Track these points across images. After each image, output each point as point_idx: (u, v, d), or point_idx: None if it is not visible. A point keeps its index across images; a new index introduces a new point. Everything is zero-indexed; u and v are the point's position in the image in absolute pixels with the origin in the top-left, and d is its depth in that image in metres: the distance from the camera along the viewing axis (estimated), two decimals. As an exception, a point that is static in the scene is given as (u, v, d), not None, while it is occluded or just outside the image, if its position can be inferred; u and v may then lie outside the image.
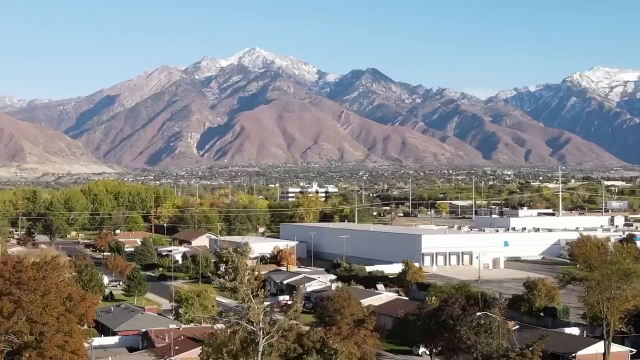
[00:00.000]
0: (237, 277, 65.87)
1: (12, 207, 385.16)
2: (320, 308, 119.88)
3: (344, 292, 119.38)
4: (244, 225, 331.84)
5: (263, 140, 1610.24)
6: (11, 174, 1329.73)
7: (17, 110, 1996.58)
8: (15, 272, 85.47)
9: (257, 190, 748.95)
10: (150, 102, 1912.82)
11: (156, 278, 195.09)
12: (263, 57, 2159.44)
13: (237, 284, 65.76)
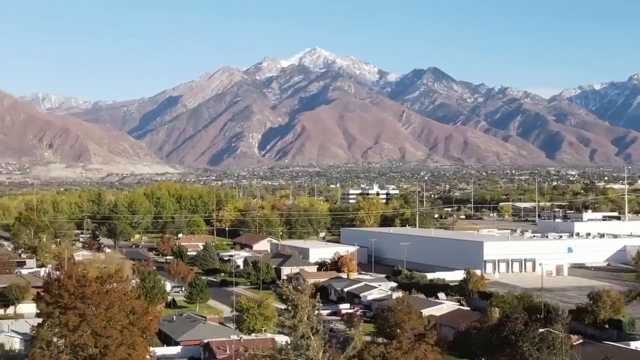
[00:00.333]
0: (296, 315, 66.11)
1: (78, 209, 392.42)
2: (381, 319, 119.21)
3: (404, 303, 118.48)
4: (305, 228, 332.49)
5: (324, 140, 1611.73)
6: (77, 174, 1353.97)
7: (82, 112, 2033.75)
8: (80, 286, 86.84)
9: (317, 191, 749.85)
10: (212, 102, 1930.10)
11: (218, 284, 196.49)
12: (324, 57, 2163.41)
13: (296, 322, 65.96)
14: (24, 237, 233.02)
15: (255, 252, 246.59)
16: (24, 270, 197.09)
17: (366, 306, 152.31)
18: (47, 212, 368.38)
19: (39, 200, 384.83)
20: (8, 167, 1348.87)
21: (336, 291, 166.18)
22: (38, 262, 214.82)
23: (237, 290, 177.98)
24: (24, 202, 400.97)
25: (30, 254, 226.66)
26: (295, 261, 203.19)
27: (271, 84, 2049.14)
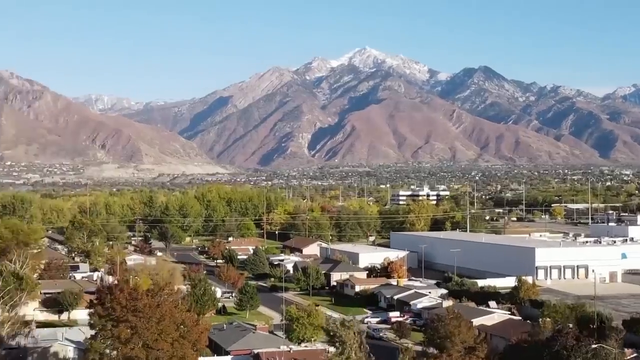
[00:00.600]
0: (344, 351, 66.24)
1: (130, 211, 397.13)
2: (431, 329, 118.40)
3: (455, 314, 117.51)
4: (354, 231, 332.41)
5: (374, 140, 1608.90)
6: (129, 174, 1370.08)
7: (134, 113, 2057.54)
8: (131, 299, 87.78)
9: (367, 191, 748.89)
10: (262, 103, 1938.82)
11: (267, 289, 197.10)
12: (374, 56, 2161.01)
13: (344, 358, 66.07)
14: (77, 241, 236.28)
15: (305, 256, 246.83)
16: (77, 275, 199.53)
17: (416, 314, 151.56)
18: (99, 214, 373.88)
19: (92, 203, 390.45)
20: (62, 167, 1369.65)
21: (386, 298, 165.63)
22: (91, 266, 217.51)
23: (286, 296, 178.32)
24: (77, 204, 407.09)
25: (84, 257, 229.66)
26: (345, 267, 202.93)
27: (321, 84, 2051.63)
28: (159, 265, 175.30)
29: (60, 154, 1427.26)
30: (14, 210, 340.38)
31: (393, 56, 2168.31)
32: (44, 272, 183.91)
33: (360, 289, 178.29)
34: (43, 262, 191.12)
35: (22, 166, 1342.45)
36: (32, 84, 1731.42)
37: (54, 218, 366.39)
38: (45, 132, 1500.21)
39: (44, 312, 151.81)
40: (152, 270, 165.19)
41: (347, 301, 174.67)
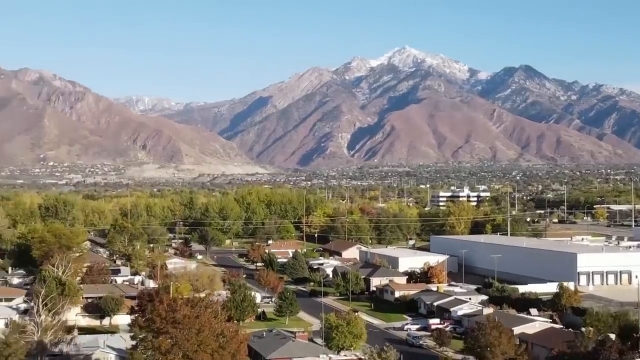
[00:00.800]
0: None
1: (170, 213, 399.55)
2: (471, 338, 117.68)
3: (495, 323, 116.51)
4: (394, 234, 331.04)
5: (413, 139, 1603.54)
6: (169, 174, 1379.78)
7: (174, 113, 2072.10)
8: (171, 311, 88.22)
9: (407, 192, 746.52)
10: (301, 103, 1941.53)
11: (307, 293, 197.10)
12: (413, 56, 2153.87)
13: None
14: (119, 244, 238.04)
15: (344, 260, 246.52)
16: (119, 278, 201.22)
17: (456, 321, 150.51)
18: (140, 215, 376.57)
19: (133, 204, 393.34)
20: (103, 167, 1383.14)
21: (426, 305, 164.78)
22: (132, 269, 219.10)
23: (326, 301, 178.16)
24: (119, 206, 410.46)
25: (125, 261, 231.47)
26: (385, 272, 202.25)
27: (360, 83, 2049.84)
28: (199, 271, 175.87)
29: (102, 154, 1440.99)
30: (57, 213, 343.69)
31: (433, 55, 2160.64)
32: (86, 276, 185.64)
33: (400, 294, 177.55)
34: (85, 266, 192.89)
35: (65, 167, 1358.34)
36: (75, 86, 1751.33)
37: (96, 220, 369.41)
38: (87, 133, 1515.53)
39: (86, 318, 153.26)
40: (193, 276, 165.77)
41: (386, 307, 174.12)
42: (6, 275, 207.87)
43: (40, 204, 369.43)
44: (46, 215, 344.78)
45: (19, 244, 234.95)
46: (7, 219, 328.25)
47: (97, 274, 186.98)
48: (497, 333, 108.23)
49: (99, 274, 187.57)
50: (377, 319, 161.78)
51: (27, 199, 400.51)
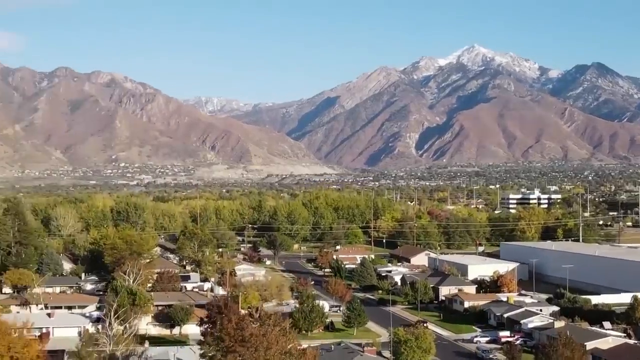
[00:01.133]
0: None
1: (239, 216, 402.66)
2: (542, 354, 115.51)
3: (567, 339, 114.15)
4: (463, 239, 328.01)
5: (483, 139, 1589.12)
6: (238, 175, 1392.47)
7: (243, 114, 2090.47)
8: (239, 329, 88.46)
9: (476, 193, 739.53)
10: (369, 103, 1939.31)
11: (375, 302, 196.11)
12: (482, 54, 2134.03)
13: None
14: (188, 250, 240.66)
15: (412, 267, 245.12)
16: (188, 285, 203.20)
17: (527, 334, 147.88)
18: (209, 219, 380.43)
19: (202, 208, 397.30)
20: (173, 168, 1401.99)
21: (496, 316, 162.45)
22: (201, 275, 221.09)
23: (394, 310, 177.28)
24: (188, 209, 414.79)
25: (194, 267, 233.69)
26: (454, 280, 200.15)
27: (429, 83, 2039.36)
28: (267, 280, 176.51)
29: (172, 155, 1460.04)
30: (128, 216, 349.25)
31: (502, 54, 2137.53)
32: (156, 283, 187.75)
33: (469, 305, 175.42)
34: (155, 272, 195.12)
35: (136, 167, 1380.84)
36: (145, 87, 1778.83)
37: (166, 223, 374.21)
38: (158, 134, 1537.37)
39: (156, 327, 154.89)
40: (261, 286, 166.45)
41: (455, 317, 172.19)
42: (79, 281, 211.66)
43: (112, 207, 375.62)
44: (118, 218, 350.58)
45: (92, 249, 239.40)
46: (80, 222, 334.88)
47: (167, 281, 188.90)
48: (569, 350, 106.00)
49: (169, 281, 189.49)
50: (446, 330, 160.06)
51: (99, 202, 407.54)
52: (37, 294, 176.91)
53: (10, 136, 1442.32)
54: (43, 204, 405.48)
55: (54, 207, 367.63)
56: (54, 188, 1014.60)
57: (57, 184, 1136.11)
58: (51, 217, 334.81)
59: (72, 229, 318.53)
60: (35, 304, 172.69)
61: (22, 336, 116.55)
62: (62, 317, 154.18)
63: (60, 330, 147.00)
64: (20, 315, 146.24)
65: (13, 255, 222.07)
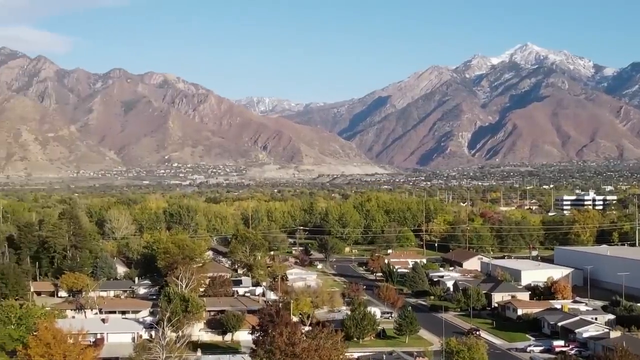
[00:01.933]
0: None
1: (291, 218, 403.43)
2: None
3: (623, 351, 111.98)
4: (516, 242, 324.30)
5: (536, 138, 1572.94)
6: (289, 175, 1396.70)
7: (294, 114, 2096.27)
8: (290, 344, 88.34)
9: (529, 193, 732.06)
10: (420, 102, 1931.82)
11: (427, 308, 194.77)
12: (535, 52, 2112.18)
13: None
14: (240, 254, 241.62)
15: (465, 271, 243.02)
16: (240, 289, 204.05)
17: (582, 344, 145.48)
18: (261, 220, 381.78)
19: (254, 209, 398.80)
20: (225, 168, 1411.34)
21: (550, 325, 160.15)
22: (253, 279, 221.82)
23: (446, 317, 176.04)
24: (240, 211, 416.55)
25: (246, 270, 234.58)
26: (507, 286, 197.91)
27: (481, 81, 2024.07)
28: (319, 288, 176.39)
29: (224, 155, 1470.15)
30: (180, 219, 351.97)
31: (556, 52, 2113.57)
32: (208, 288, 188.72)
33: (523, 312, 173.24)
34: (207, 277, 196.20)
35: (188, 167, 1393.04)
36: (197, 88, 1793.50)
37: (218, 225, 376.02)
38: (210, 134, 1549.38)
39: (208, 333, 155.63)
40: (313, 293, 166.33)
41: (508, 325, 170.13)
42: (133, 285, 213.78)
43: (165, 209, 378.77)
44: (171, 221, 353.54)
45: (145, 253, 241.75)
46: (133, 224, 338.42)
47: (219, 286, 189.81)
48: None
49: (221, 286, 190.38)
50: (499, 339, 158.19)
51: (152, 204, 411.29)
52: (92, 298, 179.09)
53: (66, 137, 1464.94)
54: (97, 206, 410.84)
55: (108, 209, 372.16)
56: (108, 188, 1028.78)
57: (111, 184, 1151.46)
58: (105, 219, 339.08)
59: (126, 231, 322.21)
60: (89, 309, 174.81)
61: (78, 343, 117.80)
62: (116, 322, 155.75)
63: (115, 336, 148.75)
64: (75, 320, 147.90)
65: (68, 259, 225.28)
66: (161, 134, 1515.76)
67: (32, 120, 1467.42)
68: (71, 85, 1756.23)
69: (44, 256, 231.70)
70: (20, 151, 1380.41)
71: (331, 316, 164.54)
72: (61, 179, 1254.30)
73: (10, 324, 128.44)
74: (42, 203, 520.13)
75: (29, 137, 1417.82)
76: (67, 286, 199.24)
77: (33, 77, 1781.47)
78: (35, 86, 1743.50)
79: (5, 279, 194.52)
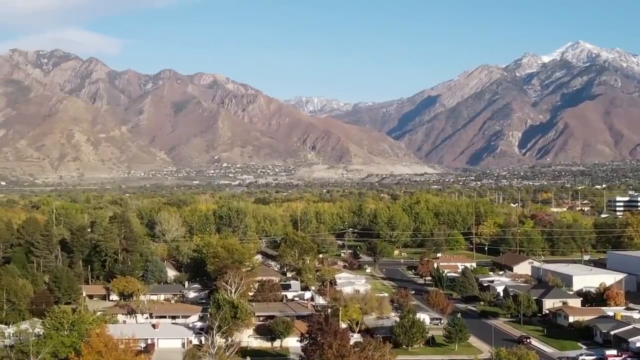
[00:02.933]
0: None
1: (339, 220, 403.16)
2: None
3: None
4: (568, 245, 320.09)
5: (588, 137, 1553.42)
6: (338, 175, 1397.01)
7: (343, 114, 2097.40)
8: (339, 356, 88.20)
9: (581, 193, 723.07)
10: (470, 101, 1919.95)
11: (477, 314, 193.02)
12: (587, 50, 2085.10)
13: None
14: (289, 258, 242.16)
15: (515, 276, 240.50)
16: (289, 294, 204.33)
17: (635, 354, 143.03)
18: (310, 222, 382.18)
19: (303, 212, 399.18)
20: (274, 168, 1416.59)
21: (602, 333, 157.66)
22: (302, 283, 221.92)
23: (496, 323, 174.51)
24: (289, 212, 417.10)
25: (295, 274, 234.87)
26: (558, 293, 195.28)
27: (532, 80, 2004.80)
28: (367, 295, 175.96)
29: (273, 155, 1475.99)
30: (230, 221, 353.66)
31: (609, 49, 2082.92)
32: (257, 292, 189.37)
33: (574, 319, 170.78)
34: (257, 281, 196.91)
35: (238, 167, 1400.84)
36: (247, 88, 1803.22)
37: (267, 226, 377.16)
38: (259, 135, 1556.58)
39: (257, 339, 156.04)
40: (361, 300, 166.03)
41: (559, 333, 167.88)
42: (183, 289, 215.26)
43: (214, 211, 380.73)
44: (220, 223, 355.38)
45: (194, 257, 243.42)
46: (184, 226, 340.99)
47: (268, 291, 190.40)
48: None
49: (270, 291, 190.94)
50: (550, 347, 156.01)
51: (202, 206, 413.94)
52: (143, 303, 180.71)
53: (117, 138, 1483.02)
54: (147, 208, 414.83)
55: (158, 210, 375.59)
56: (158, 188, 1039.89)
57: (161, 184, 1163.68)
58: (156, 221, 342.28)
59: (176, 233, 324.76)
60: (141, 313, 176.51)
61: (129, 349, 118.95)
62: (167, 328, 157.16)
63: (165, 342, 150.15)
64: (126, 326, 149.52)
65: (120, 263, 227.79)
66: (211, 134, 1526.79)
67: (84, 121, 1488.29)
68: (122, 87, 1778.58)
69: (96, 259, 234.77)
70: (72, 152, 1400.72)
71: (380, 323, 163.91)
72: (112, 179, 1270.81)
73: (63, 330, 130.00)
74: (94, 204, 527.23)
75: (81, 137, 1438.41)
76: (118, 290, 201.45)
77: (85, 78, 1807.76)
78: (87, 87, 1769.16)
79: (59, 283, 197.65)
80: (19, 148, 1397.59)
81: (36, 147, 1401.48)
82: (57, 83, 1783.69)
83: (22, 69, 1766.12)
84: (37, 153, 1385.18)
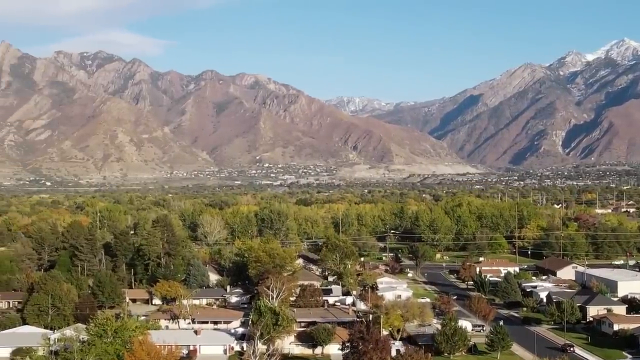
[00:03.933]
0: None
1: (381, 222, 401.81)
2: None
3: None
4: (613, 249, 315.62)
5: (633, 136, 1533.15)
6: (380, 175, 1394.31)
7: (384, 114, 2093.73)
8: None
9: (626, 194, 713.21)
10: (513, 100, 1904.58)
11: (520, 320, 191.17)
12: (633, 48, 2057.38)
13: None
14: (330, 263, 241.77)
15: (559, 281, 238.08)
16: (330, 299, 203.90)
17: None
18: (351, 224, 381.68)
19: (344, 214, 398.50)
20: (316, 168, 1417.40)
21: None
22: (343, 288, 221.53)
23: (539, 330, 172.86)
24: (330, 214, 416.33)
25: (336, 279, 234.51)
26: (602, 300, 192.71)
27: (575, 79, 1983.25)
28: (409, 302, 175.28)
29: (315, 155, 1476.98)
30: (272, 224, 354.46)
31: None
32: (298, 297, 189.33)
33: (619, 327, 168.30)
34: (298, 286, 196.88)
35: (279, 168, 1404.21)
36: (288, 89, 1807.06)
37: (309, 228, 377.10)
38: (300, 135, 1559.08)
39: (299, 346, 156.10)
40: (403, 307, 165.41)
41: (604, 341, 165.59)
42: (225, 294, 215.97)
43: (256, 213, 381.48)
44: (262, 225, 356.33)
45: (236, 261, 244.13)
46: (225, 228, 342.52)
47: (309, 296, 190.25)
48: None
49: (311, 296, 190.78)
50: (594, 356, 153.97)
51: (244, 208, 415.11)
52: (185, 307, 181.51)
53: (160, 138, 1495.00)
54: (190, 210, 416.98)
55: (201, 213, 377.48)
56: (200, 189, 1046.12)
57: (203, 185, 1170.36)
58: (198, 223, 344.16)
59: (219, 235, 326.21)
60: (183, 318, 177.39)
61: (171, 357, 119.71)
62: (209, 334, 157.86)
63: (207, 348, 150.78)
64: (168, 333, 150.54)
65: (162, 267, 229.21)
66: (252, 135, 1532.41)
67: (128, 122, 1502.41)
68: (164, 87, 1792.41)
69: (139, 263, 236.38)
70: (116, 152, 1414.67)
71: (421, 330, 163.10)
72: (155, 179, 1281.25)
73: (106, 337, 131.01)
74: (137, 205, 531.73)
75: (124, 138, 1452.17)
76: (160, 294, 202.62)
77: (128, 79, 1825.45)
78: (131, 89, 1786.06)
79: (102, 287, 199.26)
80: (63, 149, 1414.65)
81: (80, 147, 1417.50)
82: (101, 84, 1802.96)
83: (66, 71, 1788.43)
84: (81, 154, 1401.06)
